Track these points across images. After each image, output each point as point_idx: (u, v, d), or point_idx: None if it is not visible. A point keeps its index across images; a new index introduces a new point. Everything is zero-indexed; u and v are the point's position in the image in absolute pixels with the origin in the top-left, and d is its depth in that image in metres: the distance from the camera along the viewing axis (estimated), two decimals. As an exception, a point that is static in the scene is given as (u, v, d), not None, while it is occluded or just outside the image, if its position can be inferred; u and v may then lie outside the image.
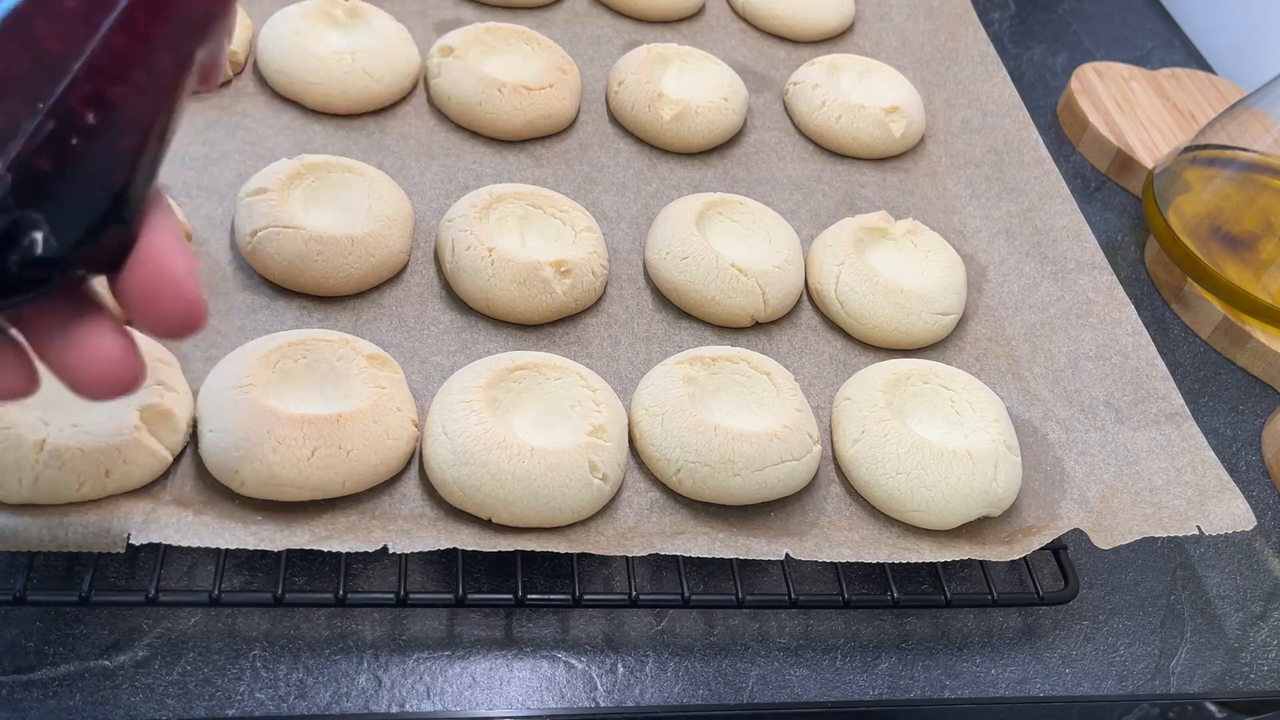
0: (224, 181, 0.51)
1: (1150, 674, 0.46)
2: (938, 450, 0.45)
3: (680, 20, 0.71)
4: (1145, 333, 0.53)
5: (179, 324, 0.26)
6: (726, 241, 0.54)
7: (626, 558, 0.43)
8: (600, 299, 0.52)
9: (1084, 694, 0.45)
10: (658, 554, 0.41)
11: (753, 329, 0.53)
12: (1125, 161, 0.72)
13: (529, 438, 0.42)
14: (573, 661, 0.41)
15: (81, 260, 0.25)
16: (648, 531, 0.43)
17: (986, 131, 0.66)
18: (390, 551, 0.38)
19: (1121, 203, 0.72)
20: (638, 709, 0.40)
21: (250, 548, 0.38)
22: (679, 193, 0.59)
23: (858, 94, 0.66)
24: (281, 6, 0.59)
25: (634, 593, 0.41)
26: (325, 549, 0.38)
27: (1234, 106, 0.67)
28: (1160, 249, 0.66)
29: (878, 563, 0.44)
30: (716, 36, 0.71)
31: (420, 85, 0.60)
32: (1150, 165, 0.71)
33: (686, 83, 0.63)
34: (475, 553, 0.42)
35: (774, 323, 0.54)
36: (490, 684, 0.39)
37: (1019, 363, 0.55)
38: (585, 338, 0.50)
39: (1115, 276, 0.56)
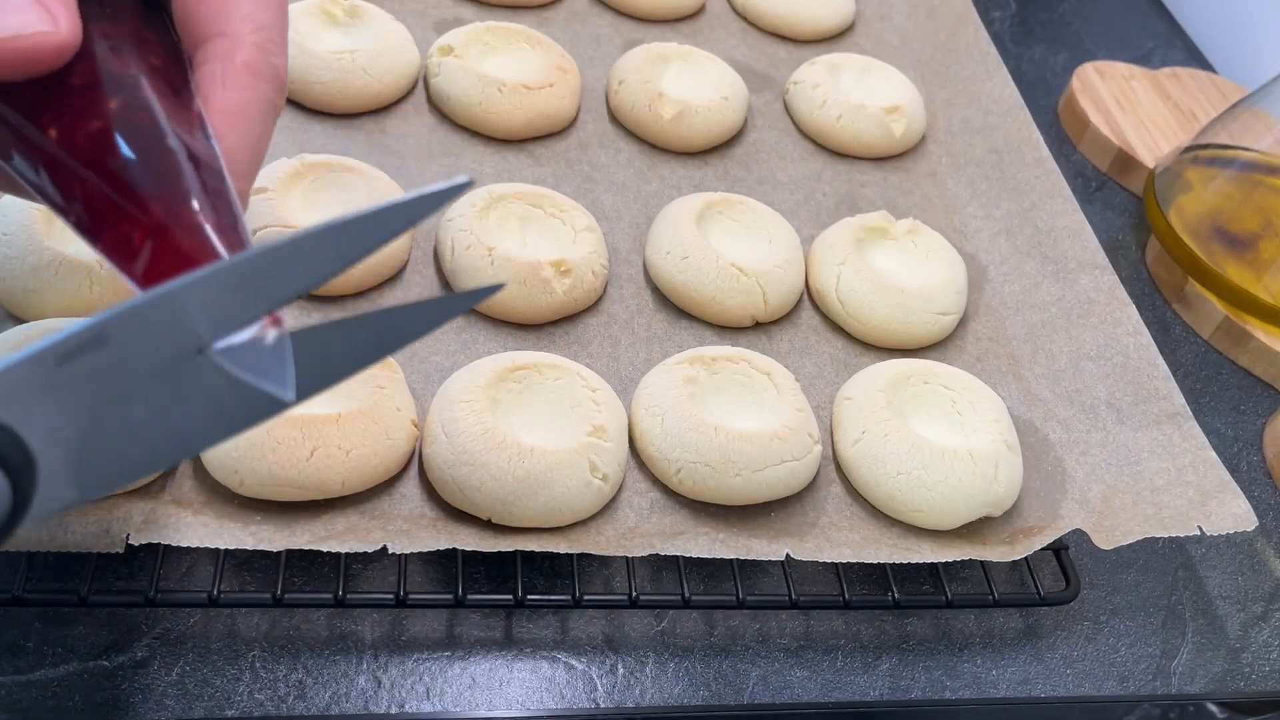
0: (223, 181, 0.51)
1: (1151, 675, 0.46)
2: (938, 450, 0.45)
3: (680, 19, 0.71)
4: (1146, 332, 0.53)
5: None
6: (727, 241, 0.54)
7: (627, 558, 0.43)
8: (600, 299, 0.52)
9: (1085, 694, 0.44)
10: (658, 554, 0.41)
11: (753, 329, 0.53)
12: (1126, 161, 0.72)
13: (529, 438, 0.42)
14: (573, 662, 0.41)
15: None
16: (648, 532, 0.43)
17: (987, 131, 0.66)
18: (390, 552, 0.38)
19: (1122, 202, 0.72)
20: (638, 710, 0.40)
21: (249, 548, 0.38)
22: (679, 192, 0.58)
23: (858, 93, 0.66)
24: (281, 6, 0.59)
25: (634, 593, 0.41)
26: (324, 549, 0.38)
27: (1235, 106, 0.67)
28: (1161, 249, 0.66)
29: (878, 563, 0.44)
30: (717, 36, 0.70)
31: (420, 84, 0.59)
32: (1151, 165, 0.71)
33: (687, 82, 0.62)
34: (475, 553, 0.41)
35: (774, 322, 0.54)
36: (490, 685, 0.39)
37: (1020, 363, 0.55)
38: (585, 338, 0.50)
39: (1116, 276, 0.56)
